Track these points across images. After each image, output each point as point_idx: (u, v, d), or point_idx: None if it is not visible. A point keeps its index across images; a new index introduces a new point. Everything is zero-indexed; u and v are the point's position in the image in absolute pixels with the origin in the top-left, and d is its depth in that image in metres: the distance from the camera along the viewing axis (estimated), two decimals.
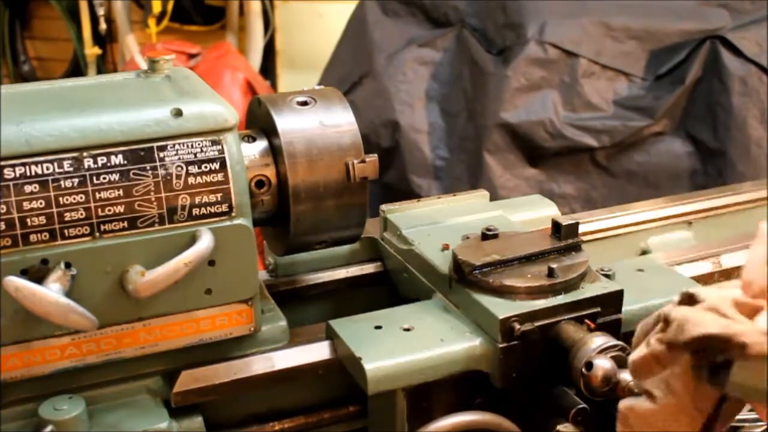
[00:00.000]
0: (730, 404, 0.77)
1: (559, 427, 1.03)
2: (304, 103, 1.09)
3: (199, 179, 0.96)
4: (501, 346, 1.01)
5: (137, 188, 0.94)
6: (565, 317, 1.04)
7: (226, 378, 1.04)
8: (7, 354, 0.93)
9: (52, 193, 0.91)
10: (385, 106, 2.99)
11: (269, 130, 1.08)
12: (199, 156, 0.96)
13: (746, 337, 0.69)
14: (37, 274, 0.90)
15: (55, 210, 0.91)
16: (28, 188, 0.90)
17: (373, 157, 1.08)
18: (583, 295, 1.06)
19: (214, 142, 0.97)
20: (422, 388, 1.03)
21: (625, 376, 0.97)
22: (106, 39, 4.86)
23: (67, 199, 0.91)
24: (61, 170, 0.91)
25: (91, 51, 4.78)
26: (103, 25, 4.70)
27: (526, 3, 2.97)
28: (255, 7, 4.58)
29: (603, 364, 0.97)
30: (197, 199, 0.96)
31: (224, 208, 0.98)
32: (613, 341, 0.99)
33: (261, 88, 4.15)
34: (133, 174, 0.94)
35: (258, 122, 1.11)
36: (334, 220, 1.10)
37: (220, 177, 0.97)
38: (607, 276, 1.13)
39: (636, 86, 2.89)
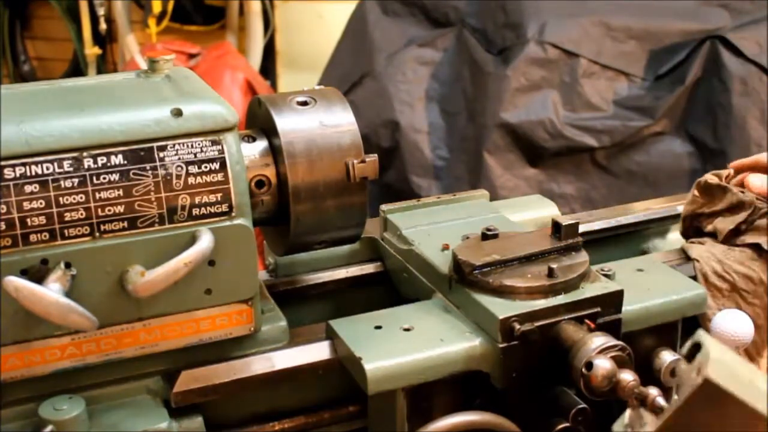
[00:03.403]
0: None
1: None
2: (304, 103, 1.09)
3: (199, 179, 0.96)
4: (501, 346, 1.01)
5: (137, 188, 0.94)
6: (565, 317, 1.04)
7: (226, 378, 1.04)
8: (7, 354, 0.93)
9: (52, 193, 0.91)
10: (385, 106, 2.99)
11: (269, 130, 1.08)
12: (199, 156, 0.96)
13: None
14: (37, 274, 0.90)
15: (55, 210, 0.91)
16: (28, 188, 0.90)
17: (373, 157, 1.08)
18: (583, 295, 1.06)
19: (214, 142, 0.97)
20: (422, 388, 1.03)
21: (626, 375, 0.97)
22: (106, 39, 4.86)
23: (67, 199, 0.91)
24: (61, 170, 0.91)
25: (91, 51, 4.78)
26: (103, 25, 4.70)
27: (526, 3, 2.97)
28: (255, 7, 4.58)
29: (603, 364, 0.97)
30: (197, 199, 0.96)
31: (224, 208, 0.98)
32: (613, 341, 0.99)
33: (261, 88, 4.15)
34: (133, 174, 0.94)
35: (258, 122, 1.11)
36: (334, 220, 1.10)
37: (220, 177, 0.97)
38: (607, 276, 1.13)
39: (636, 86, 2.89)
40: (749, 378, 0.74)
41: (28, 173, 0.90)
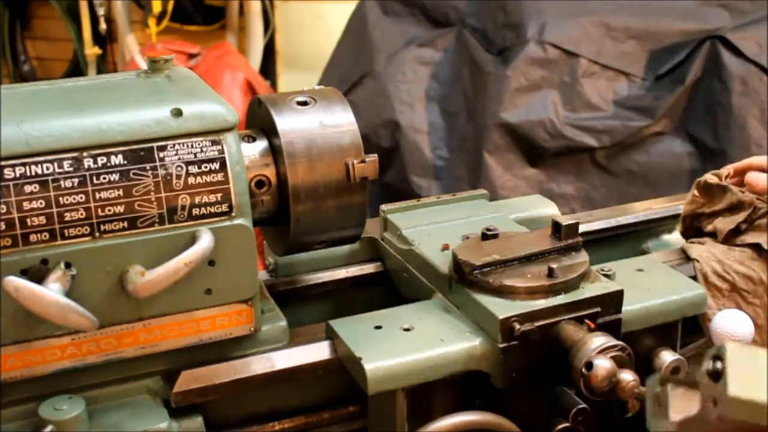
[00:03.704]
0: None
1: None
2: (304, 103, 1.09)
3: (199, 179, 0.96)
4: (501, 346, 1.01)
5: (137, 188, 0.94)
6: (565, 317, 1.04)
7: (226, 378, 1.04)
8: (7, 354, 0.93)
9: (52, 193, 0.91)
10: (385, 106, 2.99)
11: (269, 130, 1.08)
12: (199, 156, 0.96)
13: None
14: (37, 274, 0.90)
15: (55, 210, 0.91)
16: (28, 188, 0.90)
17: (373, 157, 1.08)
18: (583, 295, 1.06)
19: (214, 142, 0.97)
20: (422, 388, 1.03)
21: (626, 375, 0.97)
22: (106, 39, 4.85)
23: (67, 199, 0.91)
24: (61, 170, 0.91)
25: (91, 51, 4.77)
26: (103, 25, 4.69)
27: (526, 3, 2.97)
28: (255, 7, 4.58)
29: (603, 364, 0.97)
30: (197, 199, 0.96)
31: (224, 208, 0.98)
32: (613, 341, 0.99)
33: (261, 88, 4.15)
34: (133, 174, 0.94)
35: (258, 122, 1.11)
36: (334, 220, 1.10)
37: (220, 177, 0.97)
38: (607, 276, 1.13)
39: (636, 86, 2.89)
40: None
41: (28, 173, 0.90)
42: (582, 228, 1.22)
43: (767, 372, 0.73)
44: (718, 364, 0.74)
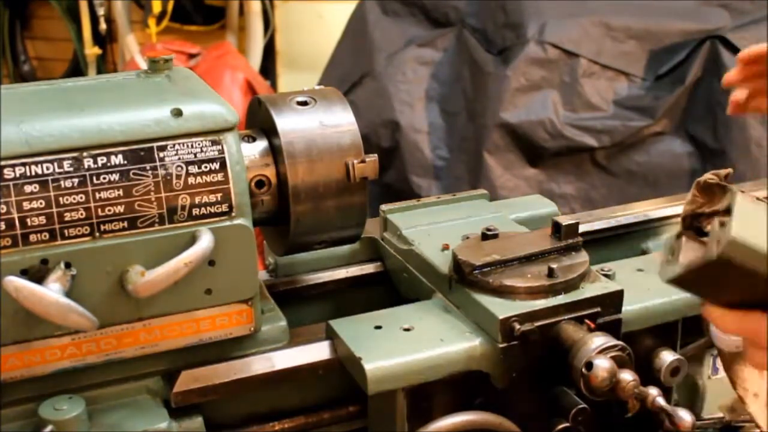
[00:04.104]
0: None
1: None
2: (304, 103, 1.09)
3: (199, 179, 0.96)
4: (501, 346, 1.01)
5: (137, 188, 0.94)
6: (565, 317, 1.04)
7: (226, 378, 1.04)
8: (7, 354, 0.93)
9: (52, 193, 0.91)
10: (385, 106, 2.99)
11: (269, 130, 1.08)
12: (199, 156, 0.96)
13: None
14: (37, 274, 0.90)
15: (55, 210, 0.91)
16: (28, 188, 0.90)
17: (373, 157, 1.08)
18: (583, 295, 1.06)
19: (214, 142, 0.97)
20: (422, 388, 1.03)
21: (626, 375, 0.97)
22: (106, 39, 4.85)
23: (67, 199, 0.91)
24: (61, 170, 0.91)
25: (91, 51, 4.77)
26: (103, 25, 4.69)
27: (526, 3, 2.97)
28: (255, 7, 4.57)
29: (603, 364, 0.97)
30: (197, 199, 0.96)
31: (224, 208, 0.98)
32: (613, 341, 1.00)
33: (261, 88, 4.15)
34: (133, 174, 0.94)
35: (258, 122, 1.11)
36: (334, 220, 1.10)
37: (220, 177, 0.97)
38: (607, 276, 1.13)
39: (636, 86, 2.89)
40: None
41: (28, 173, 0.90)
42: (582, 228, 1.22)
43: None
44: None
